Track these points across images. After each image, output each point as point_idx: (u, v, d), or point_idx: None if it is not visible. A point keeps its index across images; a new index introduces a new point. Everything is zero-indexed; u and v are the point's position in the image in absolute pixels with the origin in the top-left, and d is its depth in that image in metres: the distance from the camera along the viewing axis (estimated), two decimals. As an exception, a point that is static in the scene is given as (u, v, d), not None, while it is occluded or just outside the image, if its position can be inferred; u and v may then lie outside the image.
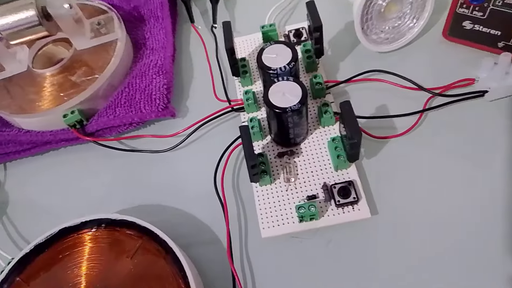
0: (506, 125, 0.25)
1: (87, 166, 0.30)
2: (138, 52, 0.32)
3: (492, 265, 0.22)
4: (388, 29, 0.29)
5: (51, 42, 0.33)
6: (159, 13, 0.33)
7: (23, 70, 0.31)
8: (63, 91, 0.29)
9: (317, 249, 0.24)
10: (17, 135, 0.29)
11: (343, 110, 0.22)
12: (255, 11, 0.34)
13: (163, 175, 0.28)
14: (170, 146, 0.29)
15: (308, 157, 0.26)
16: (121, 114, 0.29)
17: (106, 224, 0.24)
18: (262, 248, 0.24)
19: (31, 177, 0.30)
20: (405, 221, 0.24)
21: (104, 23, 0.31)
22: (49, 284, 0.23)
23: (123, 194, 0.28)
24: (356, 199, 0.24)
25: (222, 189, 0.26)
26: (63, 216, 0.27)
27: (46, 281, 0.23)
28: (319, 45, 0.27)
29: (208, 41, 0.33)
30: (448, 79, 0.27)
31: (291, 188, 0.25)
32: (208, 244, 0.25)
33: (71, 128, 0.29)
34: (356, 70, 0.29)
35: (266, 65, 0.25)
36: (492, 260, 0.22)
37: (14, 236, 0.28)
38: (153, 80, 0.30)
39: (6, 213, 0.29)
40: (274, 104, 0.23)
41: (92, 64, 0.30)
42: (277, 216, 0.24)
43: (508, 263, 0.22)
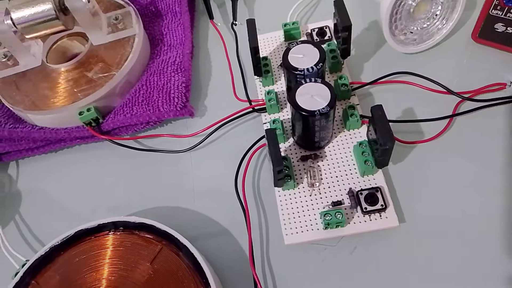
0: (540, 133, 0.25)
1: (102, 165, 0.29)
2: (155, 48, 0.31)
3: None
4: (416, 29, 0.28)
5: (65, 37, 0.32)
6: (177, 8, 0.33)
7: (37, 65, 0.30)
8: (78, 88, 0.28)
9: (341, 257, 0.23)
10: (30, 132, 0.29)
11: (375, 115, 0.21)
12: (275, 8, 0.33)
13: (181, 177, 0.27)
14: (189, 146, 0.28)
15: (333, 161, 0.25)
16: (138, 113, 0.28)
17: (124, 227, 0.23)
18: (284, 255, 0.24)
19: (44, 175, 0.29)
20: (432, 230, 0.23)
21: (121, 18, 0.30)
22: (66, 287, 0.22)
23: (139, 195, 0.27)
24: (383, 206, 0.23)
25: (243, 193, 0.25)
26: (77, 217, 0.27)
27: (62, 285, 0.22)
28: (346, 45, 0.26)
29: (227, 38, 0.32)
30: (477, 83, 0.26)
31: (315, 193, 0.24)
32: (228, 249, 0.24)
33: (86, 126, 0.28)
34: (380, 71, 0.28)
35: (293, 66, 0.24)
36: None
37: (27, 236, 0.27)
38: (171, 78, 0.29)
39: (19, 212, 0.28)
40: (302, 107, 0.22)
41: (109, 60, 0.29)
42: (301, 223, 0.23)
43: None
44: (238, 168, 0.26)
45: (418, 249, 0.22)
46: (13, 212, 0.28)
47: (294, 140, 0.26)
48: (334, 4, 0.25)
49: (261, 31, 0.32)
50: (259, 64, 0.27)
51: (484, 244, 0.22)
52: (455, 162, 0.25)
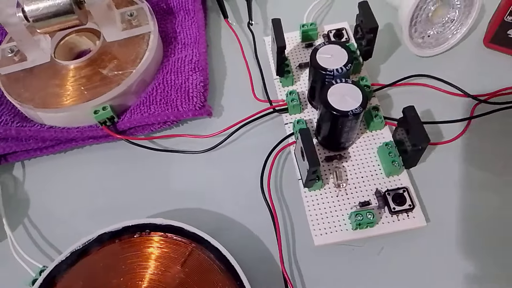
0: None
1: (117, 165, 0.28)
2: (169, 46, 0.31)
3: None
4: (433, 33, 0.28)
5: (73, 32, 0.31)
6: (190, 6, 0.32)
7: (46, 60, 0.29)
8: (92, 85, 0.27)
9: (369, 257, 0.23)
10: (40, 131, 0.27)
11: (408, 116, 0.21)
12: (287, 9, 0.33)
13: (201, 178, 0.27)
14: (209, 147, 0.27)
15: (357, 162, 0.25)
16: (156, 112, 0.27)
17: (151, 230, 0.22)
18: (312, 255, 0.23)
19: (53, 176, 0.28)
20: (456, 229, 0.23)
21: (136, 14, 0.29)
22: (90, 294, 0.21)
23: (158, 197, 0.26)
24: (411, 206, 0.23)
25: (269, 194, 0.25)
26: (91, 220, 0.26)
27: (86, 290, 0.21)
28: (369, 47, 0.26)
29: (241, 38, 0.32)
30: (490, 87, 0.27)
31: (341, 194, 0.24)
32: (255, 250, 0.24)
33: (101, 125, 0.27)
34: (396, 73, 0.28)
35: (322, 66, 0.24)
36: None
37: (39, 241, 0.26)
38: (189, 77, 0.28)
39: (28, 215, 0.27)
40: (335, 107, 0.22)
41: (124, 58, 0.28)
42: (329, 223, 0.23)
43: None
44: (263, 169, 0.25)
45: (444, 249, 0.23)
46: (21, 215, 0.27)
47: (318, 140, 0.26)
48: (359, 6, 0.26)
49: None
50: (283, 64, 0.26)
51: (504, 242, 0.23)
52: (475, 163, 0.25)
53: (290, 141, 0.26)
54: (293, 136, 0.26)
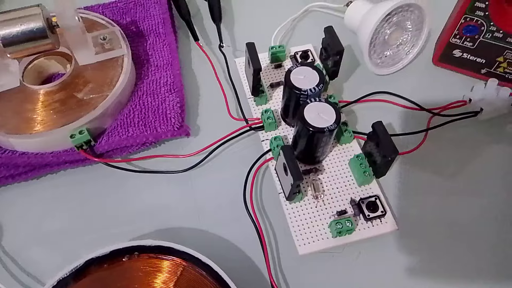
0: (498, 140, 0.29)
1: (95, 189, 0.27)
2: (141, 68, 0.31)
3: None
4: (389, 54, 0.31)
5: (42, 56, 0.30)
6: (160, 29, 0.33)
7: (16, 85, 0.28)
8: (67, 109, 0.27)
9: (348, 262, 0.25)
10: (11, 157, 0.27)
11: (377, 130, 0.24)
12: (253, 32, 0.35)
13: (182, 197, 0.27)
14: (189, 166, 0.28)
15: (331, 174, 0.27)
16: (134, 134, 0.27)
17: (140, 252, 0.23)
18: (297, 264, 0.25)
19: (26, 204, 0.27)
20: (423, 232, 0.26)
21: (109, 37, 0.29)
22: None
23: (140, 218, 0.26)
24: (384, 212, 0.25)
25: (252, 208, 0.26)
26: (73, 247, 0.25)
27: (76, 319, 0.21)
28: (336, 68, 0.28)
29: (211, 59, 0.33)
30: (440, 100, 0.31)
31: (319, 204, 0.26)
32: (242, 264, 0.25)
33: (78, 149, 0.27)
34: (357, 91, 0.31)
35: (297, 86, 0.25)
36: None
37: (16, 273, 0.25)
38: (166, 98, 0.29)
39: (1, 246, 0.25)
40: (312, 124, 0.24)
41: (99, 81, 0.28)
42: (311, 233, 0.25)
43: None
44: (244, 185, 0.26)
45: (414, 248, 0.25)
46: (-6, 247, 0.26)
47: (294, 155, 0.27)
48: (325, 31, 0.28)
49: (242, 53, 0.34)
50: (258, 85, 0.28)
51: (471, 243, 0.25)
52: (434, 170, 0.28)
53: (268, 157, 0.28)
54: (271, 152, 0.28)
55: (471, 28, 0.29)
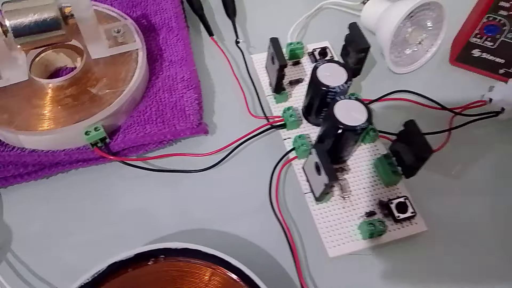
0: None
1: (110, 189, 0.26)
2: (154, 64, 0.30)
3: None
4: (409, 52, 0.31)
5: (50, 49, 0.29)
6: (173, 23, 0.31)
7: (24, 79, 0.26)
8: (80, 105, 0.26)
9: (378, 265, 0.24)
10: (20, 155, 0.25)
11: (411, 129, 0.23)
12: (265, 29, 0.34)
13: (204, 197, 0.26)
14: (208, 165, 0.27)
15: (357, 173, 0.26)
16: (152, 131, 0.26)
17: (166, 255, 0.21)
18: (326, 267, 0.24)
19: (35, 205, 0.25)
20: (452, 233, 0.25)
21: (123, 31, 0.28)
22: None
23: (158, 220, 0.25)
24: (413, 213, 0.24)
25: (278, 210, 0.25)
26: (92, 251, 0.24)
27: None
28: (359, 65, 0.28)
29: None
30: (456, 100, 0.30)
31: (347, 205, 0.25)
32: (270, 266, 0.24)
33: (92, 146, 0.25)
34: (374, 89, 0.31)
35: (324, 83, 0.25)
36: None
37: (29, 279, 0.23)
38: (183, 95, 0.28)
39: (12, 251, 0.24)
40: (343, 122, 0.23)
41: (114, 76, 0.27)
42: (340, 235, 0.24)
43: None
44: (270, 185, 0.25)
45: (444, 250, 0.25)
46: (3, 251, 0.24)
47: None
48: (350, 27, 0.27)
49: (256, 50, 0.33)
50: (281, 82, 0.27)
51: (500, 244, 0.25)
52: (458, 170, 0.28)
53: (290, 157, 0.27)
54: (294, 151, 0.27)
55: (493, 27, 0.29)
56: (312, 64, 0.31)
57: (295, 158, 0.27)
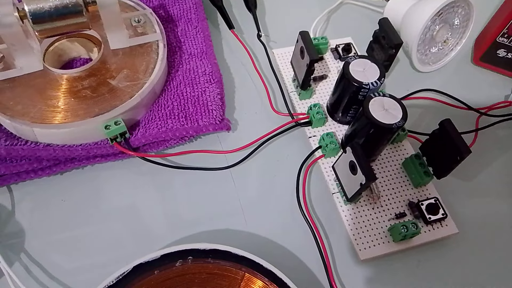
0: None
1: (128, 186, 0.25)
2: (173, 56, 0.29)
3: None
4: (435, 51, 0.30)
5: (64, 38, 0.27)
6: (192, 15, 0.30)
7: (39, 68, 0.25)
8: (99, 97, 0.24)
9: (409, 267, 0.23)
10: (34, 149, 0.23)
11: (448, 128, 0.22)
12: (285, 23, 0.33)
13: (224, 196, 0.25)
14: (231, 163, 0.26)
15: (385, 174, 0.25)
16: (174, 127, 0.25)
17: (194, 256, 0.20)
18: (356, 271, 0.23)
19: (49, 201, 0.24)
20: (482, 235, 0.25)
21: (143, 20, 0.27)
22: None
23: (179, 219, 0.24)
24: (444, 215, 0.24)
25: (306, 210, 0.24)
26: (114, 252, 0.23)
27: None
28: (389, 62, 0.27)
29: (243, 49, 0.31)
30: (479, 100, 0.30)
31: (376, 206, 0.24)
32: (298, 268, 0.23)
33: (112, 141, 0.24)
34: (397, 87, 0.30)
35: (357, 79, 0.24)
36: None
37: (42, 279, 0.22)
38: (205, 89, 0.27)
39: (25, 250, 0.22)
40: (379, 120, 0.22)
41: (134, 68, 0.26)
42: (370, 236, 0.23)
43: None
44: (297, 184, 0.24)
45: (475, 253, 0.24)
46: (16, 250, 0.22)
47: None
48: (380, 23, 0.26)
49: (277, 44, 0.32)
50: (309, 77, 0.26)
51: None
52: (487, 171, 0.27)
53: (317, 155, 0.26)
54: (320, 149, 0.26)
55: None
56: (336, 60, 0.30)
57: (322, 156, 0.26)
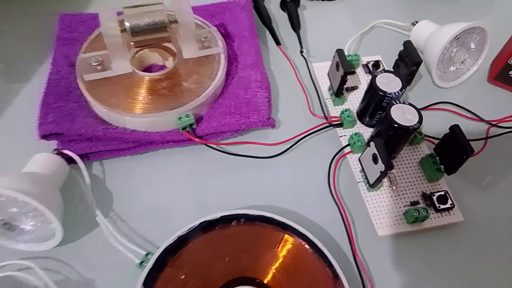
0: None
1: (192, 167, 0.31)
2: (230, 66, 0.35)
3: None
4: (453, 69, 0.35)
5: (147, 48, 0.34)
6: (247, 33, 0.37)
7: (129, 71, 0.32)
8: (174, 95, 0.31)
9: (420, 247, 0.28)
10: (124, 133, 0.30)
11: (456, 132, 0.27)
12: (325, 41, 0.39)
13: (271, 179, 0.31)
14: (274, 154, 0.31)
15: (404, 169, 0.30)
16: (231, 121, 0.31)
17: (246, 219, 0.26)
18: (373, 244, 0.28)
19: (133, 175, 0.30)
20: (485, 224, 0.29)
21: (210, 37, 0.33)
22: (199, 272, 0.24)
23: (231, 195, 0.30)
24: (452, 205, 0.28)
25: (336, 195, 0.29)
26: (172, 215, 0.29)
27: (193, 271, 0.24)
28: (410, 77, 0.32)
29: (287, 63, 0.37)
30: (493, 114, 0.34)
31: (394, 194, 0.29)
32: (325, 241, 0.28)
33: (182, 130, 0.30)
34: (419, 99, 0.34)
35: (382, 89, 0.29)
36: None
37: (128, 233, 0.28)
38: (256, 93, 0.33)
39: (114, 211, 0.29)
40: (398, 122, 0.27)
41: (201, 73, 0.32)
42: (387, 218, 0.28)
43: None
44: (328, 173, 0.30)
45: (477, 240, 0.29)
46: (107, 208, 0.29)
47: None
48: (405, 44, 0.32)
49: (315, 59, 0.38)
50: (343, 86, 0.32)
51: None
52: (494, 172, 0.32)
53: (345, 151, 0.31)
54: (349, 147, 0.31)
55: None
56: (366, 74, 0.36)
57: (350, 152, 0.31)
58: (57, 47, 0.34)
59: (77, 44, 0.34)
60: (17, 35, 0.38)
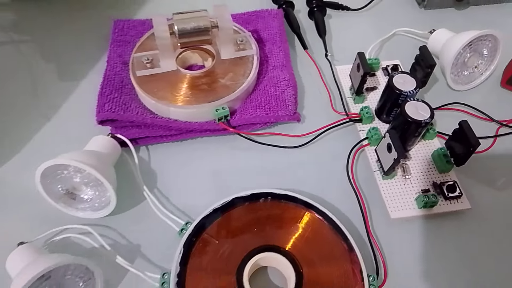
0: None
1: (226, 153, 0.35)
2: (262, 66, 0.39)
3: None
4: (467, 73, 0.38)
5: (189, 49, 0.39)
6: (277, 38, 0.41)
7: (174, 69, 0.36)
8: (213, 90, 0.35)
9: (429, 230, 0.31)
10: (168, 121, 0.35)
11: (464, 126, 0.30)
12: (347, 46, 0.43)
13: (295, 167, 0.34)
14: (299, 144, 0.35)
15: (417, 161, 0.34)
16: (261, 114, 0.35)
17: (272, 197, 0.30)
18: (386, 226, 0.31)
19: (174, 159, 0.35)
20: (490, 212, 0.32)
21: (245, 40, 0.38)
22: (231, 239, 0.28)
23: (261, 178, 0.34)
24: (460, 194, 0.31)
25: (353, 180, 0.33)
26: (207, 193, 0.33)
27: (228, 236, 0.28)
28: (426, 79, 0.35)
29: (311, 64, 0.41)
30: (503, 116, 0.37)
31: (407, 183, 0.32)
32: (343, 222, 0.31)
33: (219, 121, 0.35)
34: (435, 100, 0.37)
35: (398, 88, 0.32)
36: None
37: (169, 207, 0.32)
38: (284, 90, 0.37)
39: (157, 188, 0.33)
40: (412, 117, 0.30)
41: (236, 72, 0.36)
42: (400, 203, 0.31)
43: None
44: (347, 162, 0.33)
45: (483, 227, 0.31)
46: (152, 186, 0.33)
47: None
48: (420, 49, 0.35)
49: (338, 63, 0.41)
50: (362, 86, 0.35)
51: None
52: (502, 166, 0.34)
53: (363, 144, 0.35)
54: (366, 140, 0.35)
55: (540, 57, 0.35)
56: (385, 76, 0.39)
57: (367, 144, 0.34)
58: (111, 48, 0.39)
59: (128, 46, 0.39)
60: (75, 37, 0.43)
